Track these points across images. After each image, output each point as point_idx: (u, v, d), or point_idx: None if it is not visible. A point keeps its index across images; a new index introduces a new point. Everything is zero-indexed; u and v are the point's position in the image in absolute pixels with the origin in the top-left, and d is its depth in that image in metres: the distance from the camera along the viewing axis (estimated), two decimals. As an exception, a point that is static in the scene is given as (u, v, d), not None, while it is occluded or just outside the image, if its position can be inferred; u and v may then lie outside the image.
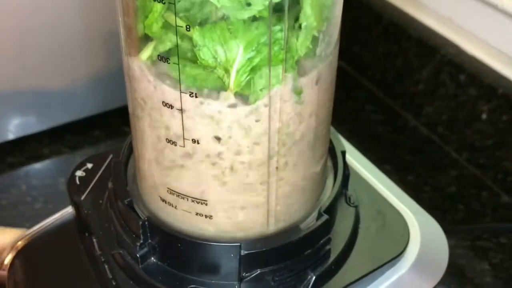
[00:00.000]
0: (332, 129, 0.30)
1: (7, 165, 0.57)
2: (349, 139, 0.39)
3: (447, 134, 0.59)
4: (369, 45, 0.66)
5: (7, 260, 0.35)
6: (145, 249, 0.27)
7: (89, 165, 0.33)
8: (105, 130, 0.61)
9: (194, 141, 0.24)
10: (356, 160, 0.35)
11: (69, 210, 0.36)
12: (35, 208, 0.53)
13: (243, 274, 0.26)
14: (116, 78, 0.58)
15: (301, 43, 0.21)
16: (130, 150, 0.31)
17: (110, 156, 0.33)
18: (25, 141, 0.58)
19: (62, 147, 0.59)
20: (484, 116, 0.55)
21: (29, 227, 0.50)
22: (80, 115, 0.59)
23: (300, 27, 0.22)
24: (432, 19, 0.60)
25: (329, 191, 0.30)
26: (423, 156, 0.59)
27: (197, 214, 0.26)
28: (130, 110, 0.27)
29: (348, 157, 0.33)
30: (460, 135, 0.57)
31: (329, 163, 0.31)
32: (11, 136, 0.56)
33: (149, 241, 0.27)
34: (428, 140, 0.60)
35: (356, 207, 0.31)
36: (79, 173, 0.33)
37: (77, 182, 0.32)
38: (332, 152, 0.31)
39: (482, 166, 0.56)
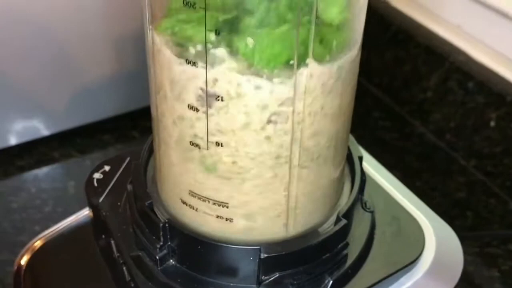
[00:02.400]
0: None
1: (17, 168, 0.57)
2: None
3: (454, 141, 0.59)
4: (377, 51, 0.67)
5: (23, 261, 0.36)
6: (165, 251, 0.28)
7: (107, 168, 0.33)
8: (114, 134, 0.61)
9: (218, 144, 0.24)
10: (370, 166, 0.36)
11: (84, 212, 0.36)
12: (44, 211, 0.53)
13: (262, 277, 0.27)
14: (126, 83, 0.58)
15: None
16: (149, 153, 0.31)
17: (128, 159, 0.34)
18: (34, 145, 0.58)
19: (71, 150, 0.59)
20: (492, 123, 0.55)
21: (39, 230, 0.51)
22: (89, 119, 0.59)
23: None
24: (441, 26, 0.60)
25: (346, 196, 0.30)
26: (431, 163, 0.59)
27: (217, 217, 0.26)
28: (153, 111, 0.27)
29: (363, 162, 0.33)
30: (468, 142, 0.58)
31: (346, 169, 0.31)
32: (20, 139, 0.57)
33: (169, 243, 0.28)
34: (436, 147, 0.60)
35: (372, 212, 0.31)
36: (97, 175, 0.33)
37: (95, 184, 0.33)
38: (348, 158, 0.31)
39: (490, 173, 0.56)
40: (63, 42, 0.52)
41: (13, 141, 0.56)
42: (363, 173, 0.31)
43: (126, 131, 0.62)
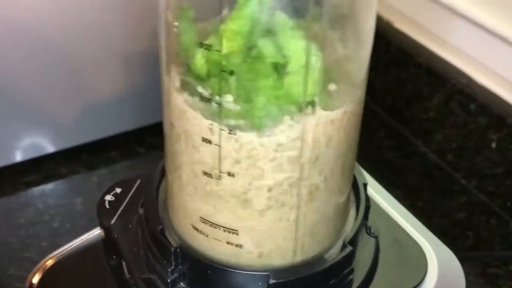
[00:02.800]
0: (353, 160, 0.31)
1: (24, 184, 0.58)
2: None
3: (456, 161, 0.60)
4: (379, 71, 0.67)
5: (35, 279, 0.36)
6: (175, 275, 0.28)
7: (118, 190, 0.34)
8: (121, 151, 0.62)
9: (230, 174, 0.25)
10: (372, 188, 0.36)
11: (95, 232, 0.37)
12: (52, 228, 0.53)
13: (270, 302, 0.27)
14: (134, 100, 0.59)
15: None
16: (161, 176, 0.32)
17: (138, 181, 0.35)
18: (41, 161, 0.59)
19: (78, 167, 0.60)
20: (493, 145, 0.56)
21: (46, 246, 0.51)
22: (96, 136, 0.60)
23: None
24: (443, 48, 0.61)
25: (352, 221, 0.31)
26: (432, 182, 0.59)
27: (227, 243, 0.27)
28: (165, 136, 0.28)
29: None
30: (470, 162, 0.58)
31: (351, 195, 0.32)
32: (27, 155, 0.57)
33: (180, 267, 0.28)
34: (437, 167, 0.61)
35: (376, 237, 0.32)
36: (109, 197, 0.34)
37: (107, 206, 0.34)
38: (353, 184, 0.32)
39: (491, 193, 0.56)
40: (71, 60, 0.53)
41: (20, 157, 0.57)
42: (367, 199, 0.31)
43: (133, 148, 0.62)
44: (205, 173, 0.26)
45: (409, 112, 0.65)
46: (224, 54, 0.22)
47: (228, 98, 0.23)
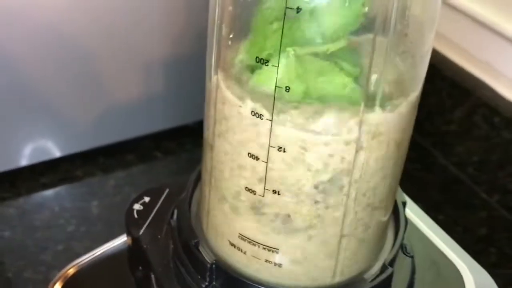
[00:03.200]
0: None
1: (40, 186, 0.57)
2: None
3: (477, 175, 0.59)
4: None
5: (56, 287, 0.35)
6: (209, 292, 0.28)
7: (147, 199, 0.33)
8: (137, 155, 0.61)
9: (274, 192, 0.24)
10: (408, 208, 0.36)
11: (119, 240, 0.36)
12: (68, 231, 0.53)
13: (307, 324, 0.27)
14: (151, 104, 0.59)
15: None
16: (194, 186, 0.31)
17: (167, 190, 0.34)
18: (58, 163, 0.58)
19: (94, 169, 0.59)
20: (517, 159, 0.55)
21: (61, 250, 0.51)
22: (113, 139, 0.60)
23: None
24: (468, 61, 0.61)
25: (389, 241, 0.30)
26: (452, 196, 0.59)
27: (266, 261, 0.26)
28: (206, 144, 0.27)
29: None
30: (492, 176, 0.57)
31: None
32: (44, 157, 0.57)
33: (214, 283, 0.27)
34: (458, 180, 0.60)
35: (412, 257, 0.31)
36: (137, 206, 0.33)
37: (135, 215, 0.33)
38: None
39: (513, 209, 0.56)
40: (90, 62, 0.53)
41: (37, 158, 0.56)
42: (406, 219, 0.31)
43: (149, 152, 0.62)
44: (248, 189, 0.25)
45: (430, 124, 0.64)
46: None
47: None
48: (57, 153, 0.57)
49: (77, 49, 0.51)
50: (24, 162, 0.56)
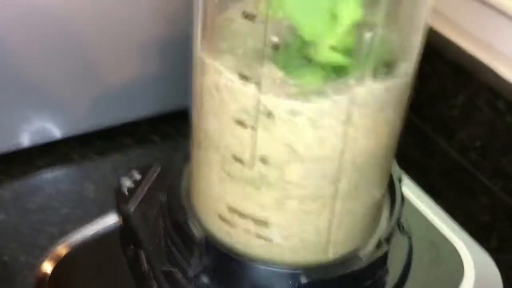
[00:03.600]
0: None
1: (36, 169, 0.57)
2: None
3: (480, 161, 0.58)
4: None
5: (47, 268, 0.35)
6: (199, 269, 0.27)
7: (137, 176, 0.33)
8: (135, 138, 0.61)
9: (263, 161, 0.23)
10: (406, 187, 0.35)
11: (111, 219, 0.36)
12: (62, 214, 0.52)
13: (300, 302, 0.26)
14: (149, 87, 0.58)
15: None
16: (184, 163, 0.31)
17: (159, 168, 0.33)
18: (54, 145, 0.58)
19: (91, 153, 0.59)
20: (521, 145, 0.54)
21: (56, 233, 0.50)
22: (110, 122, 0.59)
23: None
24: (471, 43, 0.60)
25: (385, 218, 0.29)
26: (454, 182, 0.58)
27: (257, 235, 0.25)
28: (193, 121, 0.26)
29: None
30: (494, 163, 0.57)
31: (385, 190, 0.30)
32: (40, 140, 0.56)
33: (204, 260, 0.27)
34: (460, 166, 0.59)
35: (409, 237, 0.30)
36: (128, 183, 0.32)
37: (126, 192, 0.32)
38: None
39: (516, 195, 0.55)
40: (87, 45, 0.52)
41: (33, 141, 0.56)
42: (402, 196, 0.30)
43: (147, 136, 0.61)
44: (236, 159, 0.24)
45: (432, 109, 0.63)
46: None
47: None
48: (53, 135, 0.57)
49: (72, 31, 0.51)
50: (19, 144, 0.56)
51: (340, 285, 0.26)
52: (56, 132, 0.57)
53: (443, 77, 0.61)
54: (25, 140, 0.56)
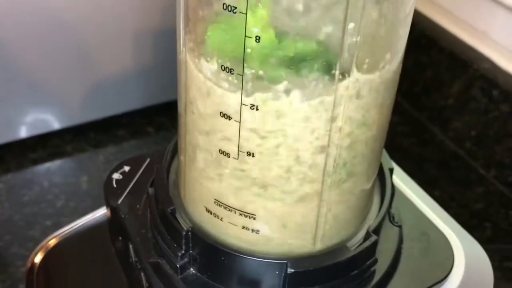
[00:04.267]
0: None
1: (30, 161, 0.57)
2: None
3: (474, 150, 0.58)
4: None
5: (37, 258, 0.35)
6: (185, 260, 0.27)
7: (126, 168, 0.33)
8: (129, 130, 0.61)
9: (249, 154, 0.23)
10: (398, 177, 0.34)
11: (100, 212, 0.35)
12: (56, 206, 0.52)
13: (287, 292, 0.26)
14: (143, 79, 0.58)
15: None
16: (172, 155, 0.30)
17: (148, 160, 0.33)
18: (48, 138, 0.58)
19: (85, 145, 0.59)
20: (516, 133, 0.54)
21: (50, 225, 0.50)
22: (104, 114, 0.59)
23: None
24: (465, 32, 0.59)
25: (375, 209, 0.29)
26: (449, 171, 0.58)
27: (243, 227, 0.25)
28: (180, 111, 0.26)
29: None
30: (489, 151, 0.56)
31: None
32: (34, 132, 0.56)
33: (190, 251, 0.27)
34: (455, 155, 0.59)
35: (400, 226, 0.30)
36: (116, 175, 0.32)
37: (114, 185, 0.32)
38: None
39: (510, 184, 0.55)
40: (81, 37, 0.52)
41: (27, 133, 0.56)
42: (393, 186, 0.29)
43: (141, 127, 0.61)
44: (222, 152, 0.24)
45: (427, 98, 0.63)
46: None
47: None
48: (47, 128, 0.57)
49: (67, 23, 0.51)
50: (13, 137, 0.56)
51: (327, 274, 0.25)
52: (50, 124, 0.56)
53: (438, 66, 0.61)
54: (19, 132, 0.56)
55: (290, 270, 0.25)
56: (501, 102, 0.55)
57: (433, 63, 0.61)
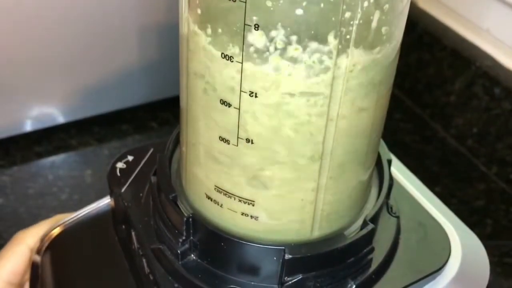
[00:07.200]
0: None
1: (35, 154, 0.57)
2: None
3: (476, 147, 0.58)
4: (401, 52, 0.65)
5: (42, 246, 0.35)
6: (186, 246, 0.27)
7: (130, 158, 0.33)
8: (133, 125, 0.61)
9: (248, 140, 0.24)
10: (396, 169, 0.35)
11: (104, 201, 0.36)
12: (61, 199, 0.53)
13: (285, 278, 0.26)
14: (147, 74, 0.58)
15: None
16: (175, 145, 0.31)
17: (151, 150, 0.33)
18: (53, 131, 0.58)
19: (89, 139, 0.59)
20: (517, 131, 0.54)
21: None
22: (109, 108, 0.59)
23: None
24: (468, 30, 0.59)
25: (373, 199, 0.29)
26: (451, 168, 0.58)
27: (243, 214, 0.26)
28: (182, 101, 0.27)
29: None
30: (491, 149, 0.57)
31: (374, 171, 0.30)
32: (39, 126, 0.57)
33: (191, 238, 0.27)
34: (457, 152, 0.59)
35: (397, 217, 0.30)
36: (120, 164, 0.33)
37: (118, 174, 0.32)
38: (377, 160, 0.30)
39: (511, 181, 0.55)
40: (86, 32, 0.52)
41: (32, 127, 0.56)
42: (391, 177, 0.30)
43: (145, 122, 0.62)
44: (222, 139, 0.24)
45: (429, 95, 0.63)
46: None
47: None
48: (52, 122, 0.57)
49: (71, 18, 0.51)
50: (18, 130, 0.56)
51: (324, 261, 0.26)
52: (55, 118, 0.57)
53: (440, 63, 0.61)
54: (25, 126, 0.56)
55: (287, 256, 0.25)
56: (503, 99, 0.55)
57: (435, 61, 0.61)
